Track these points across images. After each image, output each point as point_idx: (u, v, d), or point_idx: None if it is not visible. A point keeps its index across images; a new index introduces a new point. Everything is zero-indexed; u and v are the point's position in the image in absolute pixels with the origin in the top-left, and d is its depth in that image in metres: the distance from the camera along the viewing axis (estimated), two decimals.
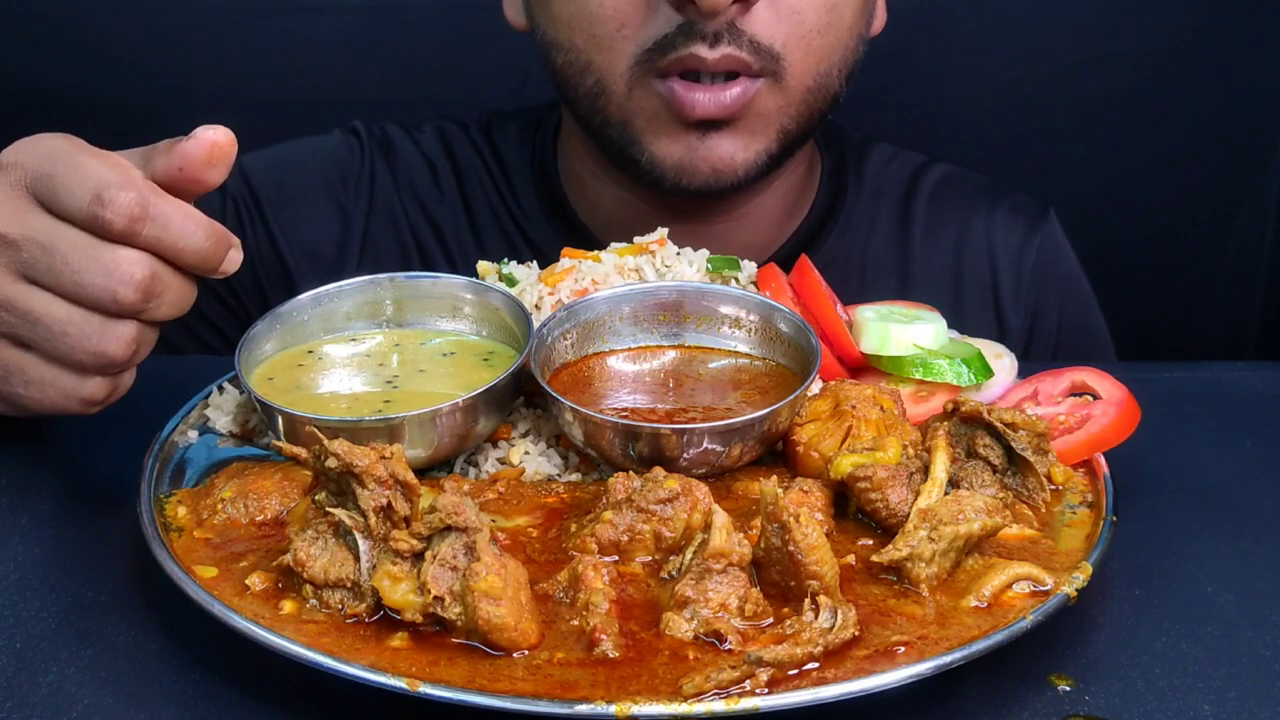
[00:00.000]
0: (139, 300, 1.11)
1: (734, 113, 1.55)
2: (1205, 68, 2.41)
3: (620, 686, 0.91)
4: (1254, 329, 2.61)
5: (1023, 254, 1.87)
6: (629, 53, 1.54)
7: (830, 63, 1.58)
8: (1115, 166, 2.47)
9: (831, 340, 1.37)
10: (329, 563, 1.00)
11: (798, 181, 1.82)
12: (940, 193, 1.90)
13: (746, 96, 1.54)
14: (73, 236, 1.11)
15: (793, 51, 1.54)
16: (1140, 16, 2.39)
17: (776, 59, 1.53)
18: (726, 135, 1.57)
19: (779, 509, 0.99)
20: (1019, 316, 1.86)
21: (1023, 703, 0.97)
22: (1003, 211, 1.89)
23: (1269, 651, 1.04)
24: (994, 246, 1.87)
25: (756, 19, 1.51)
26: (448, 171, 1.87)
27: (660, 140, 1.58)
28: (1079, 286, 1.93)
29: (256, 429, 1.32)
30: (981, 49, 2.42)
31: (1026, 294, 1.86)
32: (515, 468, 1.25)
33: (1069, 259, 1.92)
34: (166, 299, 1.14)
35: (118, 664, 1.02)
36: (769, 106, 1.57)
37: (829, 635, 0.93)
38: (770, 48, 1.52)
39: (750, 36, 1.50)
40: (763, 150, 1.60)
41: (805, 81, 1.57)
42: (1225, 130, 2.46)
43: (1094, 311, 1.95)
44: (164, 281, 1.13)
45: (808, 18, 1.53)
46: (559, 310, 1.31)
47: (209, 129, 1.13)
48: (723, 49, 1.49)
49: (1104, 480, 1.19)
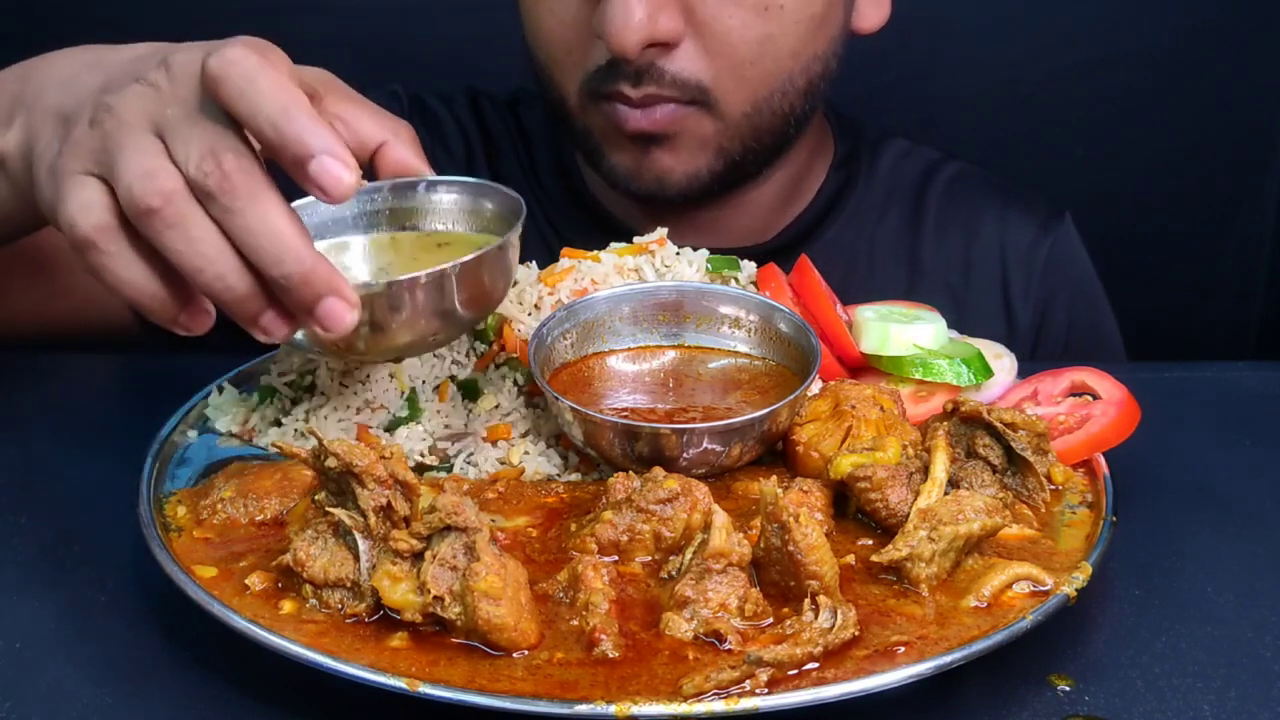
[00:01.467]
0: (148, 214, 1.00)
1: (665, 130, 1.59)
2: (1205, 67, 2.41)
3: (620, 686, 0.91)
4: (1254, 329, 2.61)
5: (1034, 252, 1.88)
6: (577, 77, 1.61)
7: (770, 88, 1.60)
8: (1115, 166, 2.47)
9: (831, 340, 1.37)
10: (329, 562, 1.00)
11: (797, 171, 1.83)
12: (954, 188, 1.92)
13: (675, 118, 1.58)
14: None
15: (724, 83, 1.56)
16: (1140, 16, 2.39)
17: (705, 91, 1.56)
18: (665, 150, 1.62)
19: (779, 509, 0.99)
20: (1028, 313, 1.87)
21: (1023, 703, 0.97)
22: (1016, 210, 1.91)
23: (1269, 651, 1.04)
24: (1006, 243, 1.88)
25: (680, 58, 1.54)
26: (479, 143, 1.91)
27: (615, 150, 1.65)
28: (1091, 290, 1.94)
29: (256, 429, 1.32)
30: (981, 49, 2.42)
31: (1036, 292, 1.87)
32: (515, 468, 1.25)
33: (1082, 262, 1.94)
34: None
35: (117, 663, 1.02)
36: (704, 130, 1.60)
37: (829, 635, 0.93)
38: (697, 84, 1.55)
39: (673, 75, 1.54)
40: (702, 167, 1.64)
41: (741, 109, 1.59)
42: (1225, 130, 2.46)
43: (1106, 315, 1.96)
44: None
45: (738, 51, 1.55)
46: (559, 310, 1.31)
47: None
48: (645, 88, 1.54)
49: (1104, 480, 1.19)
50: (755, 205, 1.80)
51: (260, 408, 1.34)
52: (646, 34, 1.48)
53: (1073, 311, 1.90)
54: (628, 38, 1.47)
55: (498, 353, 1.34)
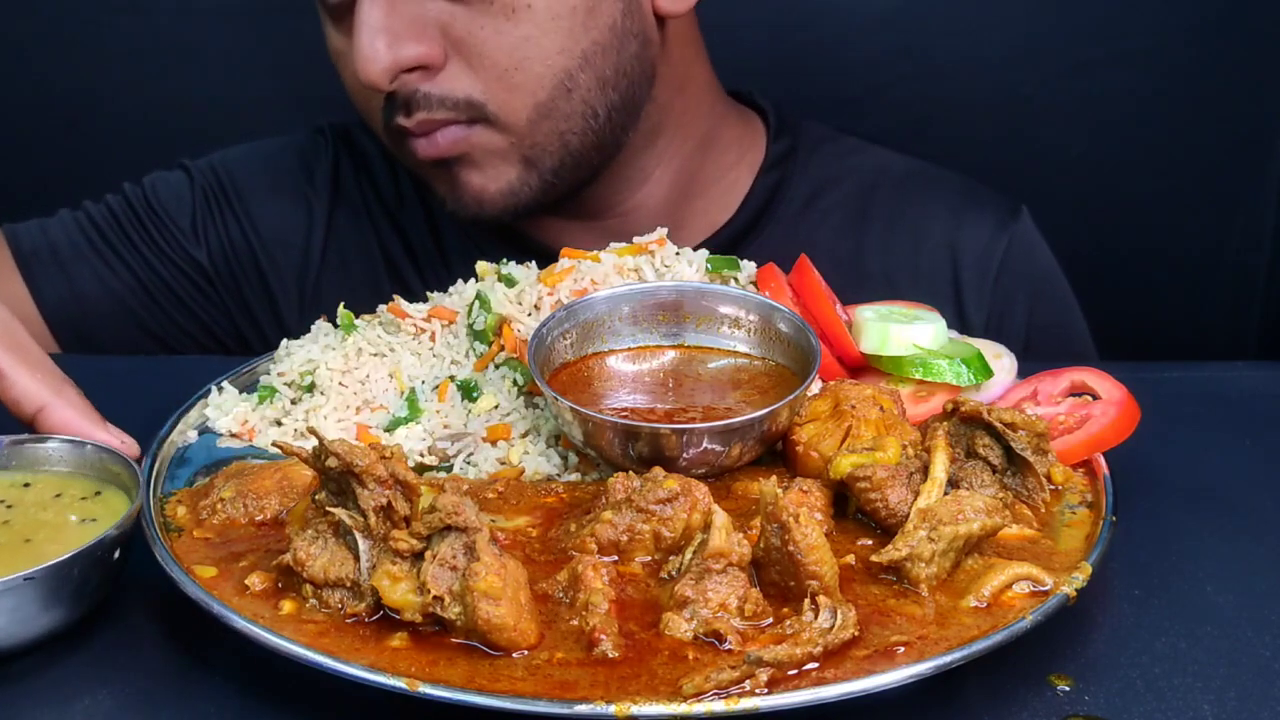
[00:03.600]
0: None
1: (454, 153, 1.61)
2: (1205, 67, 2.41)
3: (620, 686, 0.91)
4: (1254, 329, 2.61)
5: (989, 253, 1.84)
6: (378, 122, 1.64)
7: (547, 91, 1.59)
8: (1115, 166, 2.47)
9: (831, 340, 1.37)
10: (329, 562, 1.00)
11: (685, 163, 1.80)
12: (904, 188, 1.88)
13: (460, 138, 1.59)
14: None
15: (496, 94, 1.57)
16: (1140, 17, 2.39)
17: (479, 107, 1.57)
18: (470, 170, 1.64)
19: (779, 509, 0.99)
20: (981, 315, 1.82)
21: (1022, 703, 0.97)
22: (969, 209, 1.86)
23: (1269, 651, 1.04)
24: (958, 244, 1.84)
25: (444, 79, 1.56)
26: (404, 174, 1.89)
27: (433, 180, 1.68)
28: (1053, 288, 1.90)
29: (256, 429, 1.32)
30: (979, 49, 2.41)
31: (991, 293, 1.83)
32: (515, 468, 1.25)
33: (1043, 259, 1.89)
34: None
35: (117, 664, 1.02)
36: (495, 144, 1.61)
37: (829, 635, 0.93)
38: (468, 100, 1.57)
39: (440, 97, 1.56)
40: (515, 179, 1.64)
41: (524, 115, 1.59)
42: (1225, 130, 2.46)
43: (1071, 312, 1.92)
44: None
45: (498, 60, 1.55)
46: (558, 310, 1.31)
47: None
48: (418, 115, 1.57)
49: (1104, 480, 1.19)
50: (650, 210, 1.78)
51: (260, 408, 1.34)
52: (390, 62, 1.50)
53: (1034, 312, 1.85)
54: (372, 69, 1.50)
55: (497, 353, 1.34)
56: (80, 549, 1.01)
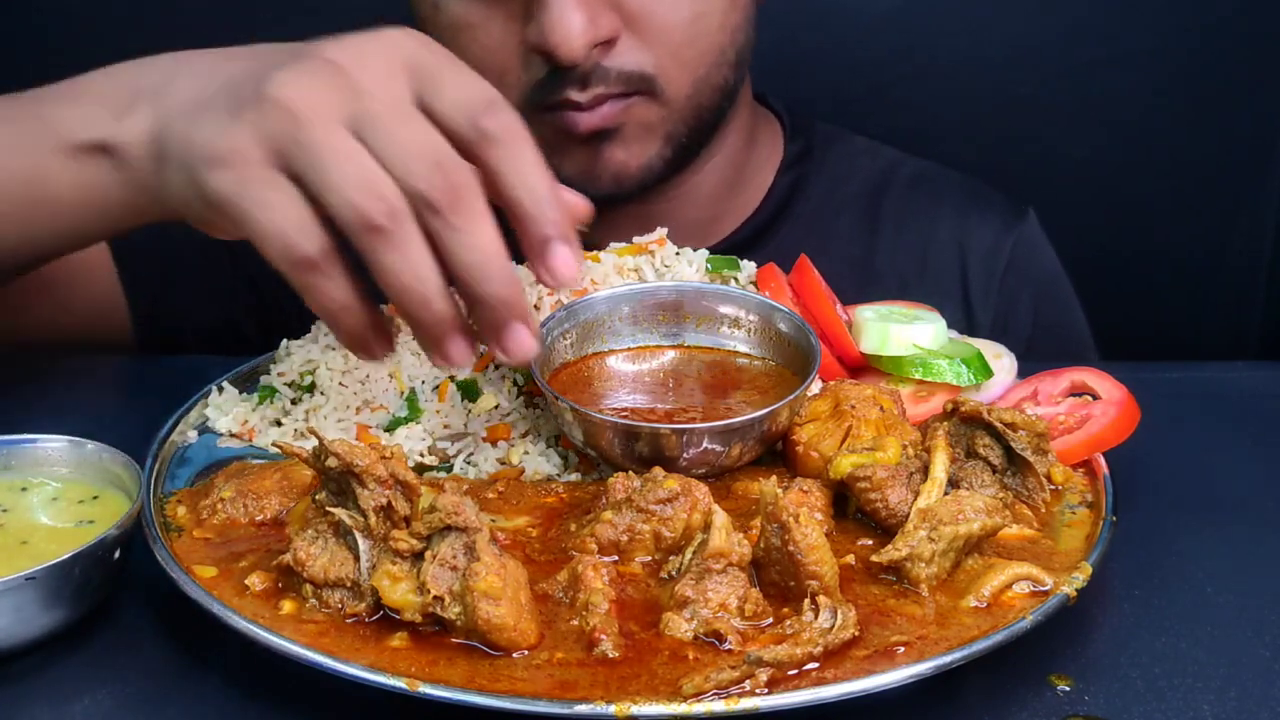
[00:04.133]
0: (381, 218, 0.96)
1: (614, 124, 1.59)
2: (1206, 67, 2.41)
3: (620, 686, 0.91)
4: (1254, 329, 2.61)
5: (995, 252, 1.86)
6: (514, 96, 1.60)
7: (707, 66, 1.61)
8: (1116, 167, 2.47)
9: (831, 340, 1.37)
10: (329, 562, 1.00)
11: (735, 155, 1.82)
12: (913, 189, 1.90)
13: (622, 110, 1.59)
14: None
15: (666, 69, 1.58)
16: (1141, 18, 2.39)
17: (650, 80, 1.57)
18: (617, 145, 1.62)
19: (779, 509, 0.99)
20: (988, 314, 1.85)
21: (1022, 703, 0.97)
22: (977, 210, 1.89)
23: (1269, 651, 1.04)
24: (965, 244, 1.86)
25: (621, 53, 1.55)
26: None
27: (563, 159, 1.64)
28: (1057, 289, 1.92)
29: (256, 429, 1.32)
30: (980, 51, 2.41)
31: (997, 292, 1.86)
32: (515, 468, 1.25)
33: (1048, 260, 1.92)
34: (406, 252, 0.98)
35: (117, 664, 1.02)
36: (650, 117, 1.61)
37: (829, 635, 0.93)
38: (641, 74, 1.56)
39: (617, 71, 1.55)
40: (654, 155, 1.65)
41: (684, 91, 1.61)
42: (1226, 132, 2.46)
43: (1074, 313, 1.94)
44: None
45: (673, 36, 1.56)
46: (558, 310, 1.31)
47: None
48: (594, 89, 1.55)
49: (1104, 480, 1.19)
50: (696, 197, 1.79)
51: (260, 408, 1.34)
52: (591, 38, 1.49)
53: (1038, 311, 1.88)
54: (573, 45, 1.48)
55: None
56: (81, 549, 1.01)
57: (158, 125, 1.10)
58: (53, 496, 1.15)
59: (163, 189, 1.10)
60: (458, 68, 1.03)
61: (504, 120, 1.01)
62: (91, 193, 1.19)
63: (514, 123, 1.02)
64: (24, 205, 1.22)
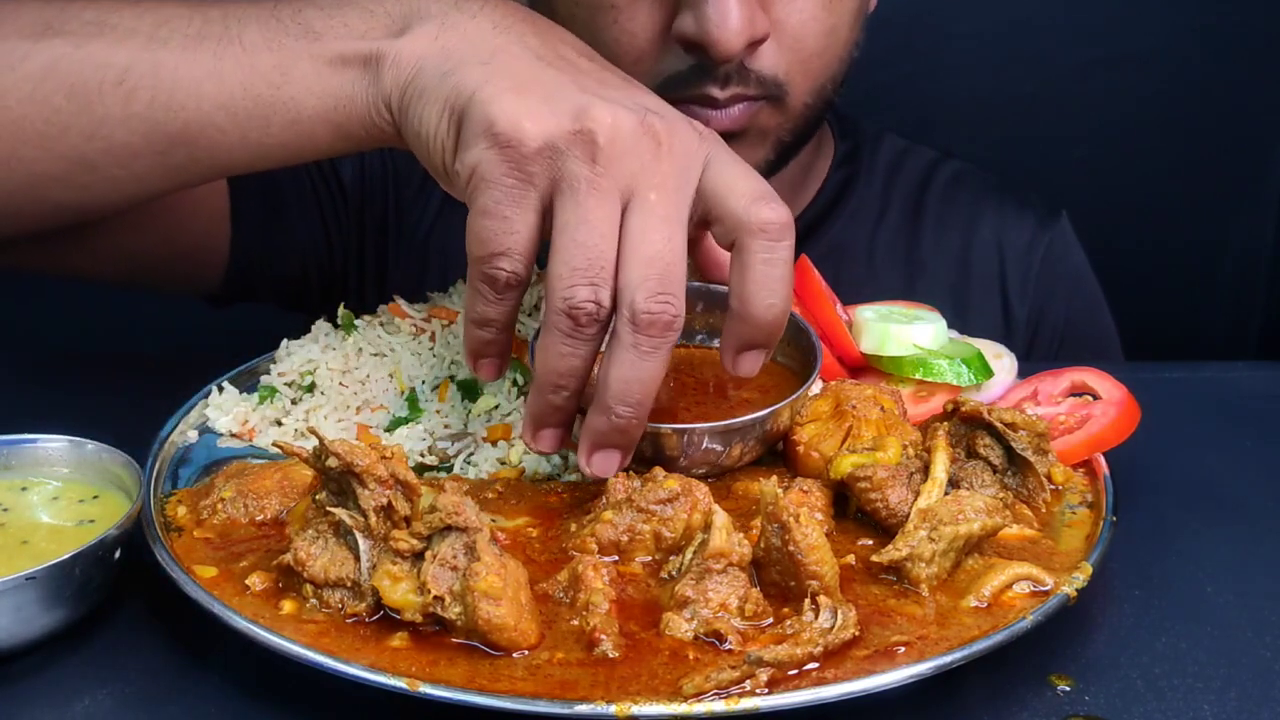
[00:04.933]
0: (581, 309, 1.03)
1: (741, 127, 1.58)
2: (1207, 69, 2.41)
3: (620, 686, 0.91)
4: (1254, 329, 2.62)
5: (1031, 250, 1.91)
6: (644, 83, 1.57)
7: (826, 78, 1.61)
8: (1116, 167, 2.47)
9: (831, 340, 1.37)
10: (329, 562, 1.00)
11: (803, 164, 1.84)
12: (952, 187, 1.94)
13: (749, 114, 1.57)
14: None
15: (794, 77, 1.57)
16: (1142, 18, 2.39)
17: (781, 86, 1.56)
18: (734, 147, 1.59)
19: (779, 509, 0.99)
20: (1024, 310, 1.89)
21: (1023, 703, 0.97)
22: (1013, 209, 1.94)
23: (1269, 651, 1.04)
24: (1003, 241, 1.91)
25: (762, 56, 1.54)
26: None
27: None
28: (1088, 288, 1.97)
29: (256, 429, 1.32)
30: (983, 50, 2.42)
31: (1033, 289, 1.90)
32: (515, 468, 1.25)
33: (1079, 260, 1.96)
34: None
35: (117, 664, 1.02)
36: (768, 123, 1.60)
37: (829, 635, 0.93)
38: (775, 79, 1.55)
39: (757, 73, 1.54)
40: (760, 160, 1.63)
41: (804, 99, 1.60)
42: (1226, 132, 2.47)
43: (1103, 313, 1.99)
44: None
45: (808, 44, 1.55)
46: None
47: None
48: (732, 88, 1.53)
49: (1104, 480, 1.19)
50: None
51: (260, 408, 1.34)
52: (749, 35, 1.47)
53: (1071, 308, 1.93)
54: (732, 41, 1.45)
55: None
56: (82, 548, 1.01)
57: (439, 55, 1.11)
58: (53, 496, 1.15)
59: (406, 115, 1.11)
60: (744, 168, 1.09)
61: (780, 214, 1.06)
62: (336, 103, 1.18)
63: (786, 217, 1.06)
64: (263, 105, 1.20)
